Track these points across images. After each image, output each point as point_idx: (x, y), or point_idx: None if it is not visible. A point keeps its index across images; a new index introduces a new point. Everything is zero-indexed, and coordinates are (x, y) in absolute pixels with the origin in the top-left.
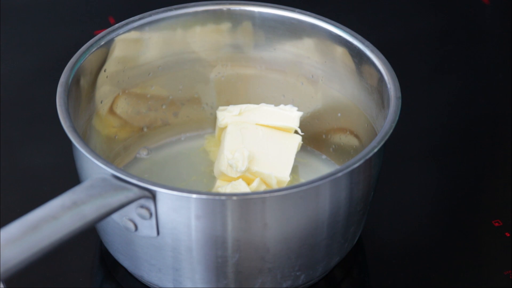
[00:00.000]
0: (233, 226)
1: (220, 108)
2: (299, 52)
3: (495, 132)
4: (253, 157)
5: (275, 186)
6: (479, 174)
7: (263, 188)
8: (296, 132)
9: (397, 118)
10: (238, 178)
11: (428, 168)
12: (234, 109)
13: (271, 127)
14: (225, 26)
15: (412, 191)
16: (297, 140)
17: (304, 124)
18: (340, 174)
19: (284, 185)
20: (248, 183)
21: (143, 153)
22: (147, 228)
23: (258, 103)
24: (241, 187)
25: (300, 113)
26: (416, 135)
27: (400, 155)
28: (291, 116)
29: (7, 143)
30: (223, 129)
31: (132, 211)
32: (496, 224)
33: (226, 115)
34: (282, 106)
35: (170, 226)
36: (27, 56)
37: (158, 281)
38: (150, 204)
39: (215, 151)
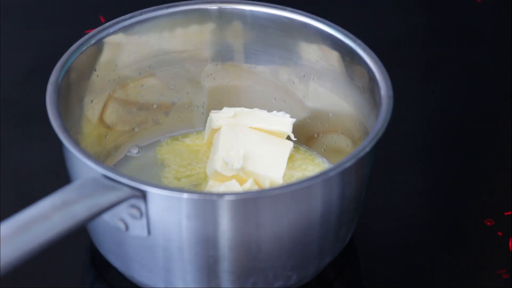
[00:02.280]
0: (225, 226)
1: (213, 111)
2: (291, 51)
3: (487, 131)
4: (247, 157)
5: (265, 186)
6: (472, 173)
7: (255, 189)
8: (288, 138)
9: (388, 117)
10: (231, 178)
11: (420, 167)
12: (228, 112)
13: (264, 131)
14: (216, 25)
15: (404, 190)
16: (290, 145)
17: (296, 123)
18: (331, 173)
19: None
20: (241, 183)
21: (134, 151)
22: (138, 228)
23: (249, 102)
24: (234, 188)
25: (293, 120)
26: (408, 134)
27: (392, 154)
28: (284, 121)
29: None
30: (216, 130)
31: (122, 211)
32: (489, 223)
33: (221, 117)
34: (275, 112)
35: (161, 226)
36: (17, 55)
37: (149, 281)
38: (140, 203)
39: (169, 158)
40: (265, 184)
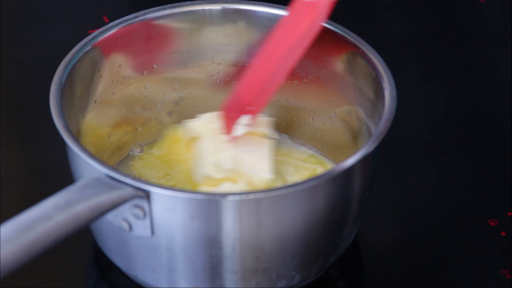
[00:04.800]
0: (228, 226)
1: (186, 120)
2: None
3: (491, 131)
4: (234, 158)
5: (258, 185)
6: (475, 173)
7: (248, 188)
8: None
9: (392, 117)
10: (221, 181)
11: (424, 168)
12: (203, 118)
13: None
14: (219, 25)
15: (407, 191)
16: (271, 142)
17: (299, 123)
18: (335, 173)
19: (268, 184)
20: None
21: (137, 150)
22: (141, 228)
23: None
24: (230, 189)
25: (270, 119)
26: (412, 135)
27: (395, 154)
28: (261, 121)
29: (1, 142)
30: (194, 139)
31: (126, 210)
32: (492, 223)
33: (198, 125)
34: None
35: (164, 226)
36: (20, 55)
37: (152, 281)
38: (144, 203)
39: (145, 171)
40: (256, 183)
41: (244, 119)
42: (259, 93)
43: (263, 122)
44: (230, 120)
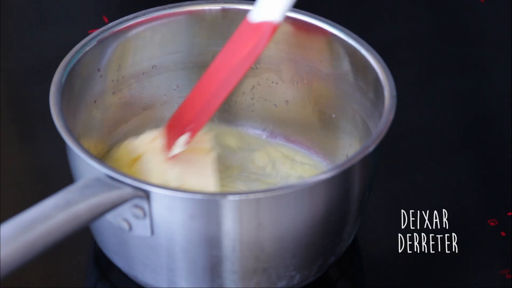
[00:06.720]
0: (228, 226)
1: (127, 141)
2: (294, 52)
3: (491, 132)
4: (179, 177)
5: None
6: (475, 173)
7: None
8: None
9: (392, 117)
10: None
11: (423, 168)
12: (146, 136)
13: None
14: (220, 25)
15: (407, 191)
16: (212, 157)
17: (299, 124)
18: (334, 173)
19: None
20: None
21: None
22: (141, 227)
23: (252, 102)
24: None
25: (210, 135)
26: (412, 135)
27: (395, 155)
28: (202, 138)
29: (1, 142)
30: (136, 160)
31: (126, 210)
32: (492, 223)
33: (139, 144)
34: None
35: (164, 226)
36: (21, 55)
37: (152, 281)
38: (144, 203)
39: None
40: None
41: (183, 138)
42: (200, 112)
43: (204, 138)
44: (171, 139)
